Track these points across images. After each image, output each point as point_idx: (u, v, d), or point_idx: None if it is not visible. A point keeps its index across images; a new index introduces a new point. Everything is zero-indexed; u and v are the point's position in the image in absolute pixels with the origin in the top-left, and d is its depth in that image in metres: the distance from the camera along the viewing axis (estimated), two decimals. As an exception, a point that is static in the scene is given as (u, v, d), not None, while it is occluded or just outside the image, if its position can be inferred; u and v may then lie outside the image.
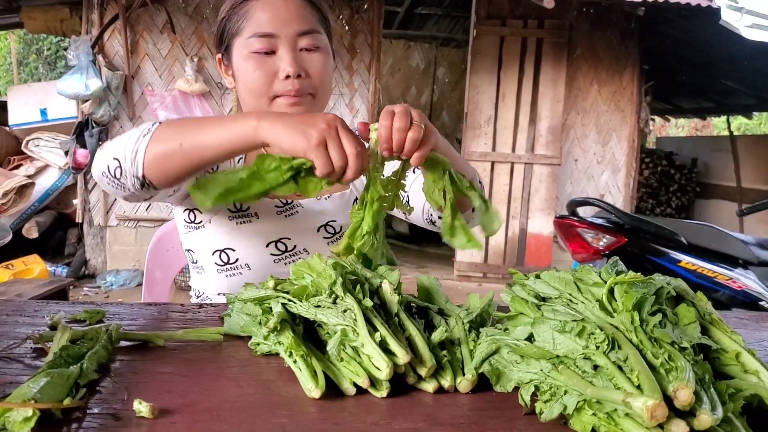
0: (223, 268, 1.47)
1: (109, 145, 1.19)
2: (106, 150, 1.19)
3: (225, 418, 0.73)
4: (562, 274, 0.93)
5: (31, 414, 0.65)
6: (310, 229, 1.51)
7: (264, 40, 1.37)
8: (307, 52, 1.40)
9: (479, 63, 6.58)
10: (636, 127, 7.01)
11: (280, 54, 1.38)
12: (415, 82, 10.45)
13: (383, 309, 0.95)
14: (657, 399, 0.66)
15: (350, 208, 1.54)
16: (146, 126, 1.16)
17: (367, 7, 6.36)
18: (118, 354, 0.91)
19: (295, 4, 1.40)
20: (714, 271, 3.35)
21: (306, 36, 1.39)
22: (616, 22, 6.84)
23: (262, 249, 1.46)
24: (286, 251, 1.48)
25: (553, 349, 0.81)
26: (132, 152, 1.13)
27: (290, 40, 1.38)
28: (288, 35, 1.38)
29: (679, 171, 9.96)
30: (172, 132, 1.14)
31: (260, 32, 1.37)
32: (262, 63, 1.38)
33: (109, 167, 1.16)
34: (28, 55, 15.47)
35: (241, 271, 1.47)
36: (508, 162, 6.65)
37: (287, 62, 1.37)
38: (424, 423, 0.76)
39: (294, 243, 1.48)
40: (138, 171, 1.14)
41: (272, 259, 1.47)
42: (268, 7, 1.38)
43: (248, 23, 1.39)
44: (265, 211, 1.47)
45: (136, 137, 1.14)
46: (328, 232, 1.52)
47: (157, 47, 6.09)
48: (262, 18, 1.38)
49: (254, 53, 1.38)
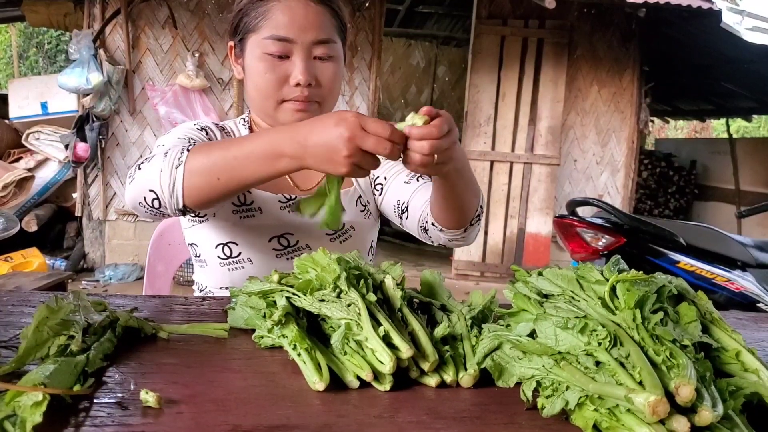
0: (226, 262, 1.47)
1: (140, 175, 1.19)
2: (138, 181, 1.19)
3: (230, 409, 0.74)
4: (565, 272, 0.94)
5: (41, 398, 0.65)
6: (314, 225, 1.50)
7: (279, 44, 1.37)
8: (321, 60, 1.41)
9: (480, 62, 6.58)
10: (635, 128, 7.02)
11: (294, 60, 1.38)
12: (415, 81, 10.46)
13: (386, 304, 0.96)
14: (659, 395, 0.67)
15: (355, 205, 1.56)
16: (175, 154, 1.15)
17: (368, 5, 6.36)
18: (124, 345, 0.92)
19: (316, 12, 1.39)
20: (712, 273, 3.36)
21: (321, 45, 1.40)
22: (616, 24, 6.85)
23: (264, 244, 1.47)
24: (288, 246, 1.48)
25: (555, 346, 0.82)
26: (168, 186, 1.14)
27: (305, 47, 1.38)
28: (304, 42, 1.38)
29: (678, 173, 9.98)
30: (207, 165, 1.13)
31: (277, 35, 1.37)
32: (274, 66, 1.38)
33: (146, 198, 1.17)
34: (28, 48, 15.45)
35: (243, 266, 1.47)
36: (508, 161, 6.66)
37: (300, 70, 1.37)
38: (427, 416, 0.77)
39: (297, 239, 1.49)
40: (179, 203, 1.15)
41: (274, 254, 1.47)
42: (288, 11, 1.38)
43: (266, 23, 1.39)
44: (269, 205, 1.47)
45: (169, 169, 1.14)
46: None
47: (159, 42, 6.09)
48: (281, 21, 1.37)
49: (268, 54, 1.38)
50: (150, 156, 1.21)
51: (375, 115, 6.57)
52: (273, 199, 1.47)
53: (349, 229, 1.54)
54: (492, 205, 6.68)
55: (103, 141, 5.94)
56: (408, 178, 1.56)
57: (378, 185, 1.61)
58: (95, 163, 5.98)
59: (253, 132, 1.56)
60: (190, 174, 1.13)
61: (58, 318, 0.84)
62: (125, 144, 6.12)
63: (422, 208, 1.48)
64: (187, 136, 1.39)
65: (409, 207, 1.52)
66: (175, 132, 1.41)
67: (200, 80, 6.00)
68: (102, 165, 6.01)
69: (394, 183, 1.57)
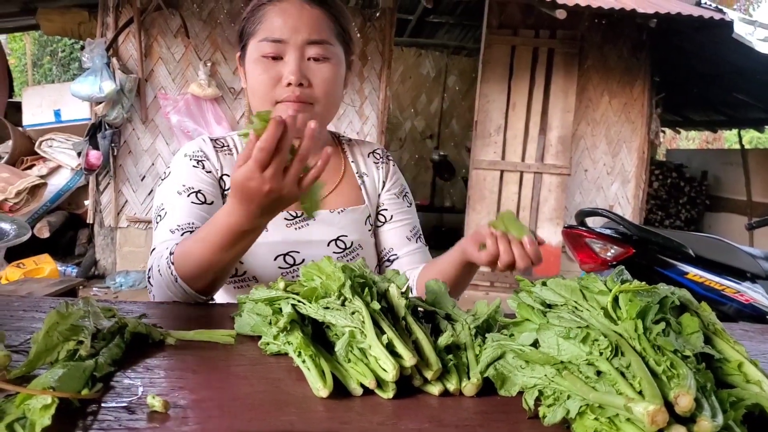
0: (232, 281, 1.47)
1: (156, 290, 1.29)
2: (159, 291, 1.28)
3: (236, 414, 0.75)
4: (568, 282, 0.94)
5: (50, 402, 0.67)
6: (321, 242, 1.50)
7: (273, 45, 1.40)
8: (315, 61, 1.42)
9: (490, 72, 6.60)
10: (646, 138, 7.02)
11: (287, 60, 1.40)
12: (426, 90, 10.49)
13: (390, 312, 0.97)
14: (658, 404, 0.67)
15: (364, 224, 1.57)
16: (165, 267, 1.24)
17: (379, 16, 6.40)
18: (132, 350, 0.93)
19: (309, 14, 1.42)
20: (721, 284, 3.35)
21: (315, 45, 1.41)
22: (627, 34, 6.86)
23: (270, 262, 1.46)
24: (294, 264, 1.47)
25: (557, 355, 0.82)
26: (184, 294, 1.24)
27: (298, 47, 1.40)
28: (296, 43, 1.40)
29: (689, 183, 9.93)
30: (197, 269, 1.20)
31: (270, 37, 1.40)
32: (268, 67, 1.41)
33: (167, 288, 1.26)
34: (42, 56, 15.59)
35: (248, 284, 1.47)
36: (518, 171, 6.66)
37: (290, 69, 1.39)
38: (429, 424, 0.78)
39: (303, 257, 1.47)
40: (194, 294, 1.23)
41: (280, 273, 1.46)
42: (282, 14, 1.41)
43: (262, 27, 1.42)
44: (275, 223, 1.44)
45: (173, 285, 1.23)
46: (338, 246, 1.51)
47: (171, 51, 6.15)
48: (275, 23, 1.40)
49: (263, 57, 1.41)
50: (152, 251, 1.36)
51: (384, 124, 6.59)
52: (279, 217, 1.45)
53: (357, 247, 1.54)
54: (501, 215, 6.67)
55: (115, 149, 6.00)
56: (411, 234, 1.63)
57: (382, 215, 1.64)
58: (107, 170, 6.03)
59: None
60: (191, 281, 1.22)
61: (68, 323, 0.86)
62: (137, 152, 6.17)
63: (409, 271, 1.55)
64: (185, 186, 1.43)
65: (396, 262, 1.59)
66: (172, 184, 1.44)
67: (212, 89, 6.05)
68: (114, 172, 6.07)
69: (397, 230, 1.62)
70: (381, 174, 1.65)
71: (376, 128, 6.54)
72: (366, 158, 1.66)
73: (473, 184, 6.69)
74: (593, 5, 5.64)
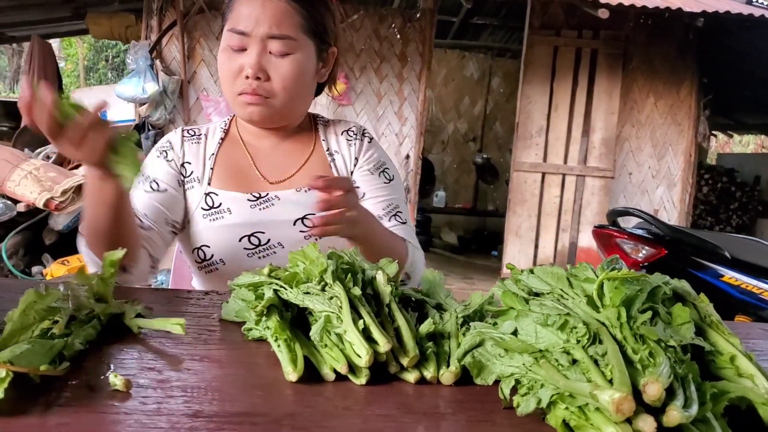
0: (202, 265, 1.50)
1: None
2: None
3: (197, 396, 0.74)
4: (555, 270, 0.91)
5: (4, 375, 0.67)
6: (287, 221, 1.49)
7: (237, 37, 1.41)
8: (276, 56, 1.42)
9: (532, 73, 6.52)
10: (693, 141, 6.84)
11: (248, 52, 1.41)
12: (469, 93, 10.42)
13: (375, 299, 0.95)
14: (624, 392, 0.63)
15: None
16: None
17: (419, 17, 6.38)
18: (112, 333, 0.93)
19: (274, 7, 1.41)
20: (760, 288, 3.21)
21: (276, 40, 1.41)
22: (673, 34, 6.69)
23: (235, 243, 1.47)
24: (259, 245, 1.48)
25: (535, 343, 0.79)
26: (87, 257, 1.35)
27: (259, 40, 1.40)
28: (257, 35, 1.40)
29: (741, 188, 9.64)
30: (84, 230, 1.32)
31: (236, 28, 1.41)
32: (231, 58, 1.43)
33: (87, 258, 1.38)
34: (97, 61, 16.05)
35: (217, 267, 1.48)
36: (560, 173, 6.56)
37: (249, 63, 1.40)
38: (397, 411, 0.76)
39: (268, 237, 1.48)
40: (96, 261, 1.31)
41: (245, 254, 1.47)
42: (248, 4, 1.42)
43: (231, 15, 1.44)
44: (238, 205, 1.48)
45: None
46: (305, 225, 1.50)
47: (213, 53, 6.24)
48: (241, 14, 1.41)
49: (228, 47, 1.43)
50: None
51: (423, 125, 6.56)
52: (242, 198, 1.49)
53: None
54: (543, 218, 6.58)
55: (157, 149, 6.10)
56: (384, 212, 1.57)
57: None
58: (150, 170, 6.14)
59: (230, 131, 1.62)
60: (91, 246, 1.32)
61: (45, 304, 0.86)
62: (179, 152, 6.27)
63: None
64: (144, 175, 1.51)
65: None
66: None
67: (252, 90, 6.11)
68: (156, 172, 6.17)
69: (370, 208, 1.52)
70: (353, 151, 1.61)
71: (414, 129, 6.51)
72: (339, 136, 1.63)
73: (514, 186, 6.61)
74: (637, 4, 5.51)
